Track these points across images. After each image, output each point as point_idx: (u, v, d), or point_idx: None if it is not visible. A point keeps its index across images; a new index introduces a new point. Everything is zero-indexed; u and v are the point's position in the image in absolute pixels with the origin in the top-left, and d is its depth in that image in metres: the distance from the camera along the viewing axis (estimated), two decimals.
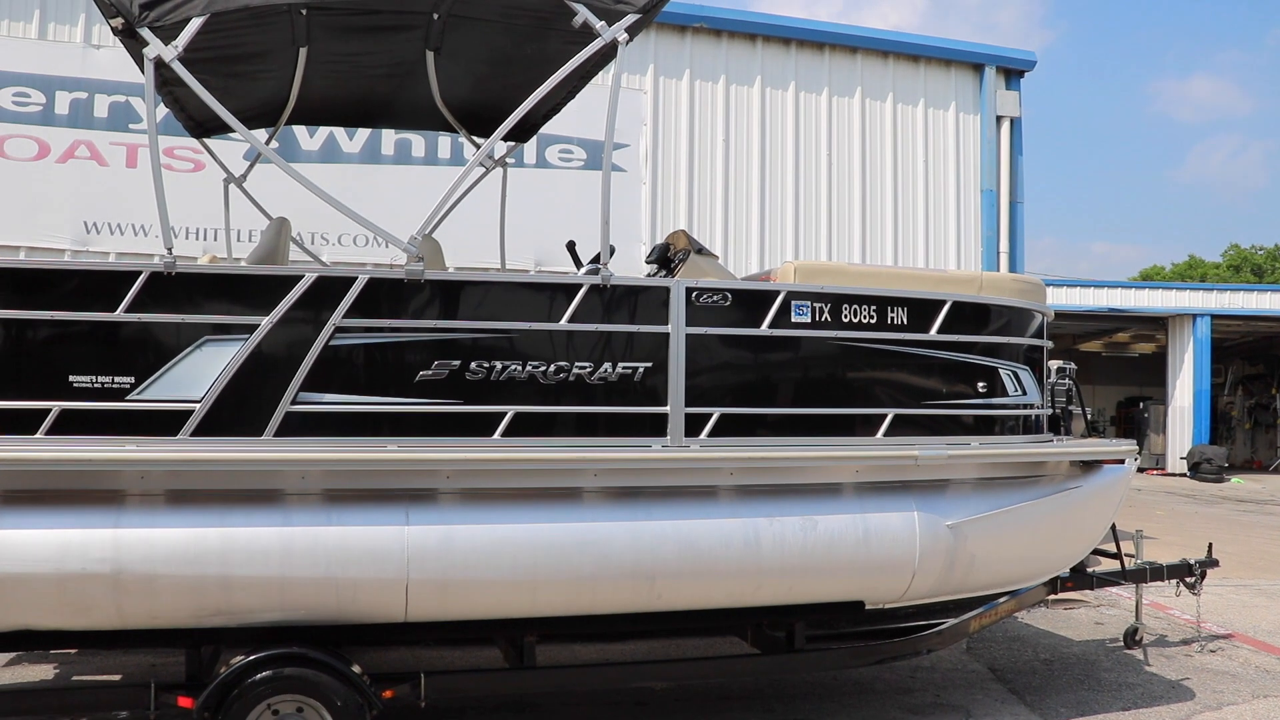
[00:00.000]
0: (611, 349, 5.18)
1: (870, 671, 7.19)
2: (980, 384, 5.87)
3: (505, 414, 5.03)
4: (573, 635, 6.34)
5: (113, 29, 5.01)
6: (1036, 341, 6.23)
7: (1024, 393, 6.09)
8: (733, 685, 6.90)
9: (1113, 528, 7.09)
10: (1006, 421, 6.04)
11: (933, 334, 5.70)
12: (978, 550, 5.74)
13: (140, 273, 4.74)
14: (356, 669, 4.94)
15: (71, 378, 4.69)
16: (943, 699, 6.71)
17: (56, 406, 4.67)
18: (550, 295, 5.17)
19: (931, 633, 6.17)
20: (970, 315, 5.86)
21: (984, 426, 5.92)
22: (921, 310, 5.69)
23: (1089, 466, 6.30)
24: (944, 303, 5.73)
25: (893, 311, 5.62)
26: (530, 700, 6.45)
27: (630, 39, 5.27)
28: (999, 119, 13.06)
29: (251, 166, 7.66)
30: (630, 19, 5.24)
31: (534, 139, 8.26)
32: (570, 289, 5.15)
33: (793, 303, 5.44)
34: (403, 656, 6.78)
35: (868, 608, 5.76)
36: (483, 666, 5.99)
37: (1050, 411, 6.61)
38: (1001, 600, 6.45)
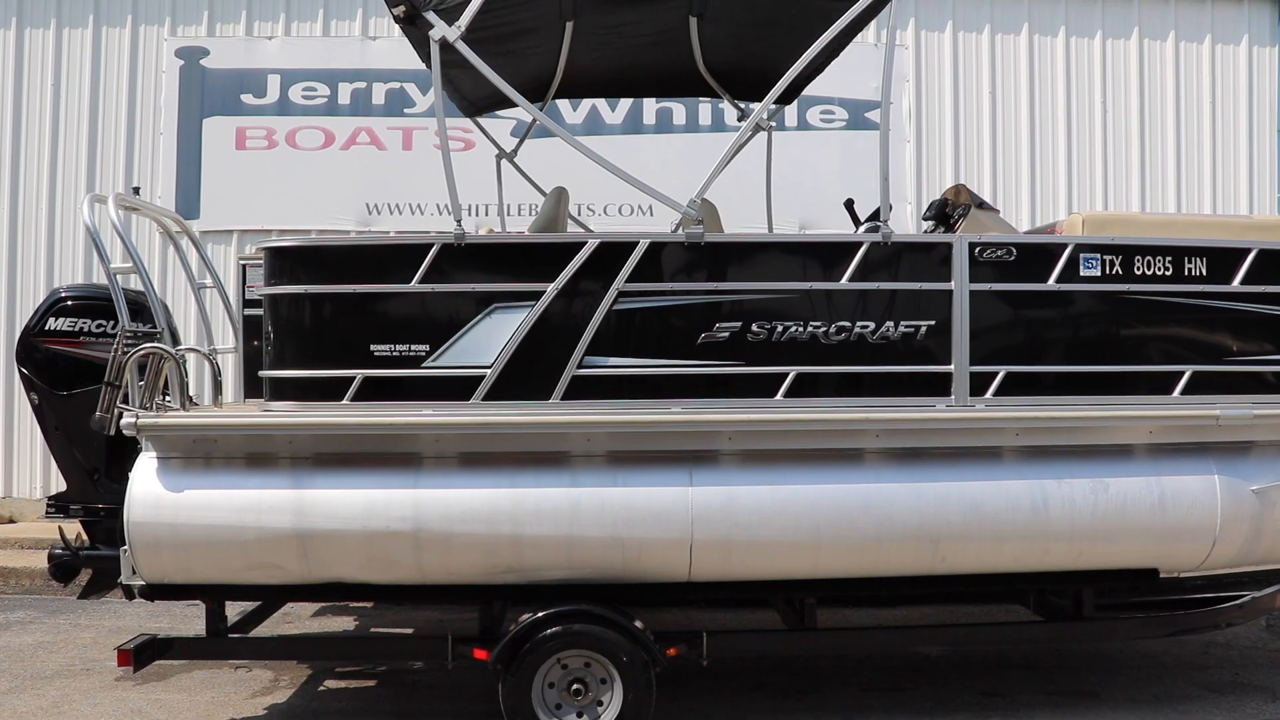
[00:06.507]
0: (893, 307, 5.09)
1: (1158, 645, 6.85)
2: None
3: (787, 374, 5.03)
4: (853, 598, 6.30)
5: (395, 17, 5.28)
6: None
7: None
8: (1011, 653, 6.72)
9: None
10: None
11: (1235, 285, 5.32)
12: None
13: (432, 245, 4.98)
14: (639, 625, 5.06)
15: (373, 347, 4.98)
16: (1243, 678, 6.31)
17: (360, 374, 4.98)
18: (831, 254, 5.12)
19: (1231, 605, 5.79)
20: (1279, 264, 5.44)
21: None
22: (1223, 260, 5.32)
23: None
24: (1249, 251, 5.34)
25: (1190, 262, 5.28)
26: (805, 663, 6.46)
27: None
28: None
29: (521, 142, 7.92)
30: None
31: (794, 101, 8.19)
32: (851, 247, 5.09)
33: (1081, 256, 5.19)
34: (675, 618, 6.91)
35: (1162, 576, 5.47)
36: (762, 628, 6.01)
37: None
38: None
